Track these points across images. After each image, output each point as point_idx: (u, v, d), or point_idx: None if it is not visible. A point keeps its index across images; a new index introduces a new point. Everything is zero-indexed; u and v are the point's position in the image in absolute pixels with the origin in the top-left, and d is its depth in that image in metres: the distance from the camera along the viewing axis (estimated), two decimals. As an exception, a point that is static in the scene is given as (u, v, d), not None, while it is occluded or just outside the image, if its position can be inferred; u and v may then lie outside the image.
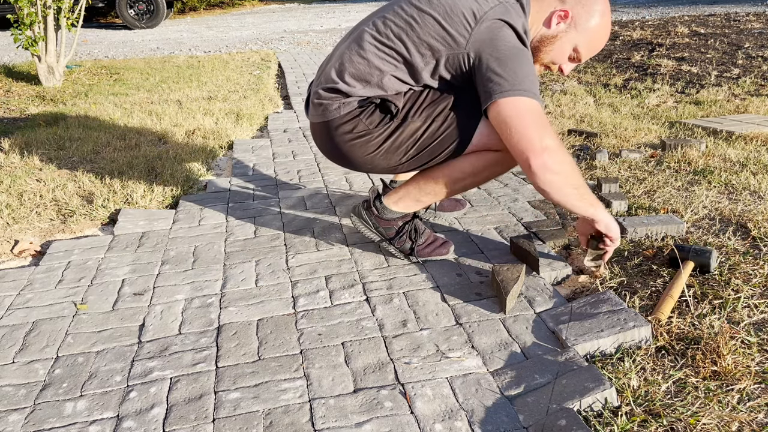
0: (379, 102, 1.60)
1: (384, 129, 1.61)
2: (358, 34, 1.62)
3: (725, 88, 4.06)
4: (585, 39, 1.60)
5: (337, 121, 1.63)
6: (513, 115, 1.45)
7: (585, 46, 1.61)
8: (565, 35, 1.60)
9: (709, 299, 1.54)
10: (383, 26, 1.57)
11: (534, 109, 1.46)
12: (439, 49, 1.52)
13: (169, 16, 11.86)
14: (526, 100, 1.46)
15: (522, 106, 1.45)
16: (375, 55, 1.56)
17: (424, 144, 1.61)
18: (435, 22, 1.51)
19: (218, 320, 1.54)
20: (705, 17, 7.35)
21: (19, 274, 1.83)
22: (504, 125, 1.47)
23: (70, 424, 1.20)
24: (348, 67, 1.59)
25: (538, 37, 1.62)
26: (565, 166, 1.49)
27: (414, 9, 1.55)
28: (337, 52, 1.65)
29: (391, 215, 1.76)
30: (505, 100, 1.46)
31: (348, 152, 1.67)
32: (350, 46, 1.61)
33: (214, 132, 3.39)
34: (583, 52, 1.63)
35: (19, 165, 2.84)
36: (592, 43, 1.62)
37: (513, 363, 1.33)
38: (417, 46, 1.53)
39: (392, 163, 1.66)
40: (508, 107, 1.46)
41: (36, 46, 4.83)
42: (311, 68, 5.73)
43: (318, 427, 1.17)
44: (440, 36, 1.51)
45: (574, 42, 1.61)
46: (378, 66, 1.56)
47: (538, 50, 1.63)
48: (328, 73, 1.64)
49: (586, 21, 1.58)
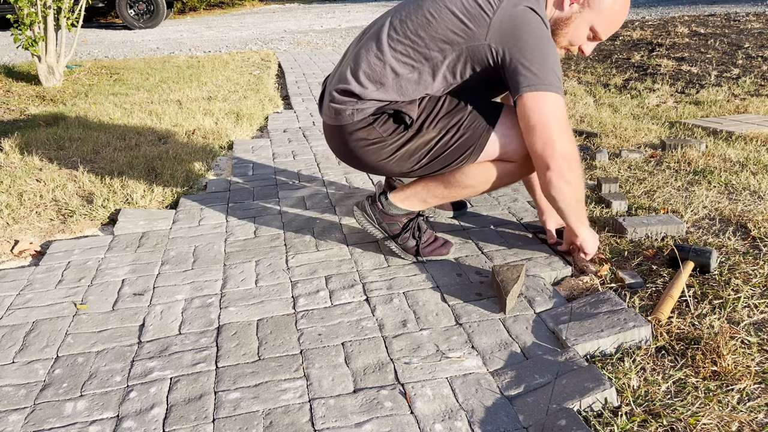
0: (392, 112, 1.58)
1: (398, 138, 1.60)
2: (375, 32, 1.61)
3: (725, 88, 4.06)
4: (601, 17, 1.57)
5: (351, 128, 1.62)
6: (537, 115, 1.47)
7: (602, 24, 1.59)
8: (579, 16, 1.58)
9: (709, 299, 1.54)
10: (400, 24, 1.56)
11: (557, 109, 1.47)
12: (458, 41, 1.51)
13: (169, 16, 11.86)
14: (551, 97, 1.46)
15: (546, 105, 1.46)
16: (392, 56, 1.55)
17: (438, 153, 1.61)
18: (452, 15, 1.50)
19: (218, 320, 1.54)
20: (705, 17, 7.35)
21: (19, 274, 1.83)
22: (527, 124, 1.49)
23: (70, 424, 1.20)
24: (363, 67, 1.58)
25: (552, 20, 1.59)
26: (578, 178, 1.53)
27: (430, 3, 1.54)
28: (354, 51, 1.64)
29: (396, 211, 1.76)
30: (529, 95, 1.46)
31: (361, 156, 1.67)
32: (367, 45, 1.60)
33: (214, 132, 3.39)
34: (601, 31, 1.60)
35: (19, 165, 2.84)
36: (610, 21, 1.59)
37: (513, 363, 1.33)
38: (435, 41, 1.52)
39: (405, 170, 1.67)
40: (534, 104, 1.46)
41: (36, 46, 4.83)
42: (311, 68, 5.73)
43: (318, 427, 1.17)
44: (458, 29, 1.50)
45: (590, 22, 1.58)
46: (394, 67, 1.55)
47: (554, 34, 1.60)
48: (343, 72, 1.63)
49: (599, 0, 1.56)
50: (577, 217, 1.63)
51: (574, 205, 1.58)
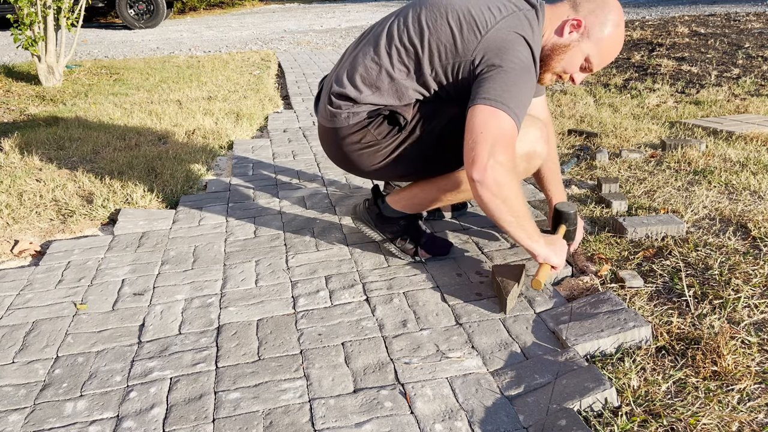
0: (388, 114, 1.58)
1: (392, 140, 1.60)
2: (373, 36, 1.61)
3: (725, 88, 4.06)
4: (597, 49, 1.55)
5: (345, 131, 1.62)
6: (480, 123, 1.40)
7: (597, 56, 1.56)
8: (577, 45, 1.55)
9: (709, 299, 1.54)
10: (398, 31, 1.56)
11: (505, 128, 1.40)
12: (451, 54, 1.50)
13: (169, 16, 11.86)
14: (503, 116, 1.41)
15: (494, 120, 1.40)
16: (388, 61, 1.55)
17: (432, 155, 1.61)
18: (449, 29, 1.50)
19: (218, 320, 1.54)
20: (705, 17, 7.35)
21: (19, 274, 1.83)
22: (469, 130, 1.43)
23: (70, 424, 1.20)
24: (360, 71, 1.58)
25: (549, 45, 1.57)
26: (505, 190, 1.42)
27: (430, 14, 1.53)
28: (351, 54, 1.64)
29: (392, 214, 1.76)
30: (483, 107, 1.41)
31: (355, 160, 1.67)
32: (364, 49, 1.60)
33: (214, 132, 3.39)
34: (594, 63, 1.57)
35: (19, 165, 2.84)
36: (604, 54, 1.57)
37: (513, 363, 1.33)
38: (431, 50, 1.51)
39: (399, 173, 1.67)
40: (482, 115, 1.41)
41: (36, 46, 4.82)
42: (311, 68, 5.73)
43: (318, 427, 1.17)
44: (452, 43, 1.50)
45: (586, 52, 1.56)
46: (389, 72, 1.55)
47: (549, 58, 1.58)
48: (340, 75, 1.63)
49: (599, 31, 1.53)
50: (526, 235, 1.53)
51: (510, 219, 1.48)
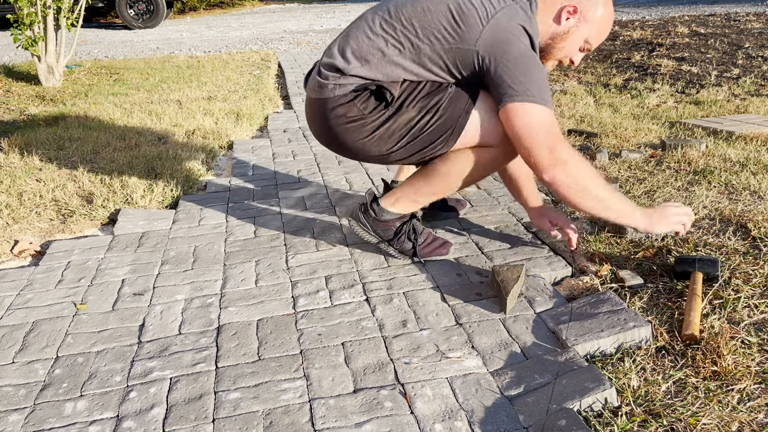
0: (374, 89, 1.59)
1: (378, 116, 1.60)
2: (370, 13, 1.63)
3: (725, 88, 4.06)
4: (594, 29, 1.63)
5: (332, 102, 1.62)
6: (521, 126, 1.48)
7: (594, 36, 1.64)
8: (576, 30, 1.61)
9: (709, 299, 1.53)
10: (395, 9, 1.58)
11: (543, 118, 1.48)
12: (448, 39, 1.52)
13: (169, 16, 11.85)
14: (535, 108, 1.47)
15: (530, 115, 1.47)
16: (382, 36, 1.56)
17: (417, 134, 1.61)
18: (448, 12, 1.52)
19: (218, 320, 1.54)
20: (705, 17, 7.35)
21: (19, 274, 1.83)
22: (514, 135, 1.51)
23: (70, 424, 1.20)
24: (351, 44, 1.60)
25: (549, 34, 1.62)
26: (580, 179, 1.52)
27: None
28: (346, 30, 1.66)
29: (388, 216, 1.76)
30: (513, 105, 1.47)
31: (339, 135, 1.65)
32: (359, 24, 1.62)
33: (214, 132, 3.39)
34: (593, 42, 1.65)
35: (19, 165, 2.84)
36: (601, 32, 1.65)
37: (513, 363, 1.33)
38: (426, 33, 1.53)
39: (384, 151, 1.65)
40: (518, 114, 1.48)
41: (36, 46, 4.82)
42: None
43: (318, 427, 1.17)
44: (451, 27, 1.51)
45: (585, 35, 1.63)
46: (381, 47, 1.56)
47: (550, 47, 1.64)
48: (331, 48, 1.65)
49: (593, 13, 1.60)
50: (617, 215, 1.60)
51: (594, 205, 1.56)
